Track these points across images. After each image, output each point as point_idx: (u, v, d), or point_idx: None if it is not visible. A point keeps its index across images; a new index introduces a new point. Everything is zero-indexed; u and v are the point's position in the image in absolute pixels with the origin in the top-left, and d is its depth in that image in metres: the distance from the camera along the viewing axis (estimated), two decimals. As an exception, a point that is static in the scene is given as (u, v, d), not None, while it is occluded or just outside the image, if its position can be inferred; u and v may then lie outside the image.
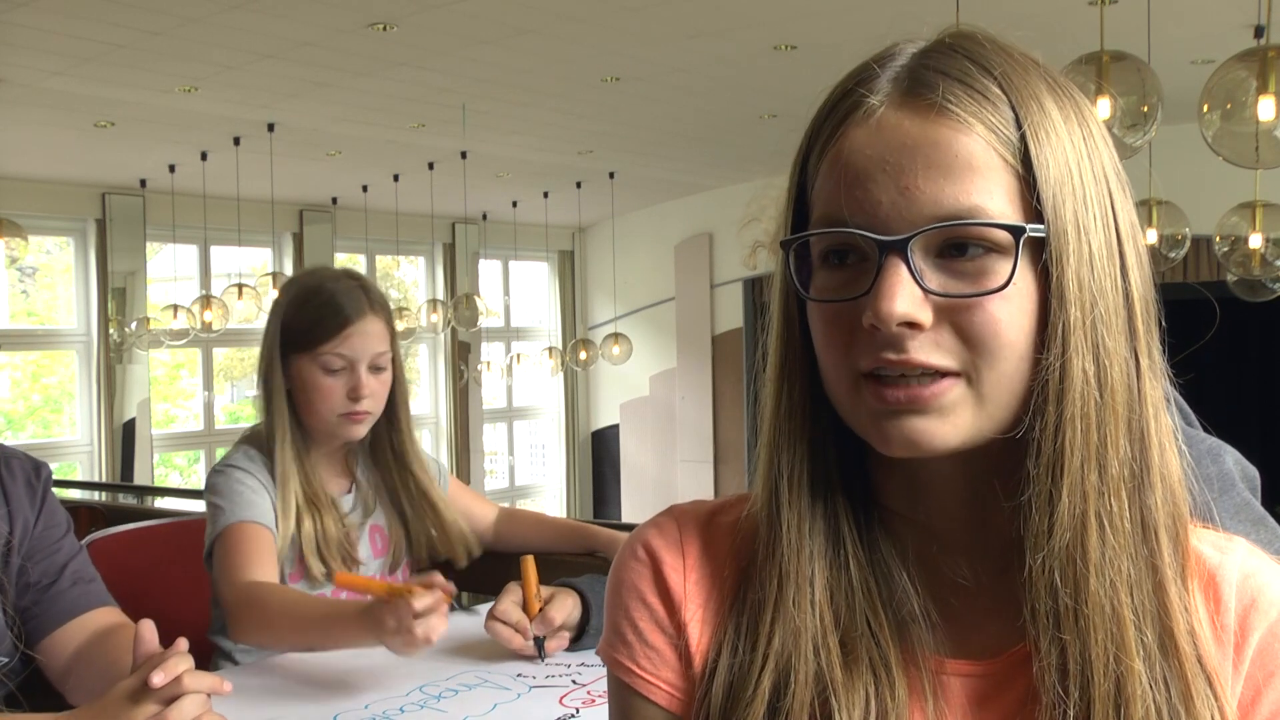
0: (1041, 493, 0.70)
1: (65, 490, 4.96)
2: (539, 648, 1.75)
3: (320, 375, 1.93)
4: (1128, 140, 3.61)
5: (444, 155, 7.73)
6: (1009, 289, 0.69)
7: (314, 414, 1.95)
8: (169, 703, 1.24)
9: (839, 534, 0.76)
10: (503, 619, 1.75)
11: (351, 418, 1.95)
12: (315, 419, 1.96)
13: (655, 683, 0.80)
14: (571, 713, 1.55)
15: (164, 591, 2.13)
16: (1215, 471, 1.21)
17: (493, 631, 1.75)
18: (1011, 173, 0.69)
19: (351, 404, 1.94)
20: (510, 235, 10.13)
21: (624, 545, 0.85)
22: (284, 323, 1.96)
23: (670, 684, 0.80)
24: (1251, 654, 0.73)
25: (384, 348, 1.97)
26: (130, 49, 5.08)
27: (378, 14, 4.87)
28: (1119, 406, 0.71)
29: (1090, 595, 0.69)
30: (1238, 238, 5.21)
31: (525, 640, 1.74)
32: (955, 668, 0.75)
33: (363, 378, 1.94)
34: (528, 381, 11.18)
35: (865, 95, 0.72)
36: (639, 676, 0.81)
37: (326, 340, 1.93)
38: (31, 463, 1.65)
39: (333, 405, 1.94)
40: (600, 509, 11.28)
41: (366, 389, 1.94)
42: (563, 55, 5.67)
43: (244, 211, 7.58)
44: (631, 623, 0.81)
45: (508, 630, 1.74)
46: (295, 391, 1.96)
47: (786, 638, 0.74)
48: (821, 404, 0.76)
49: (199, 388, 8.89)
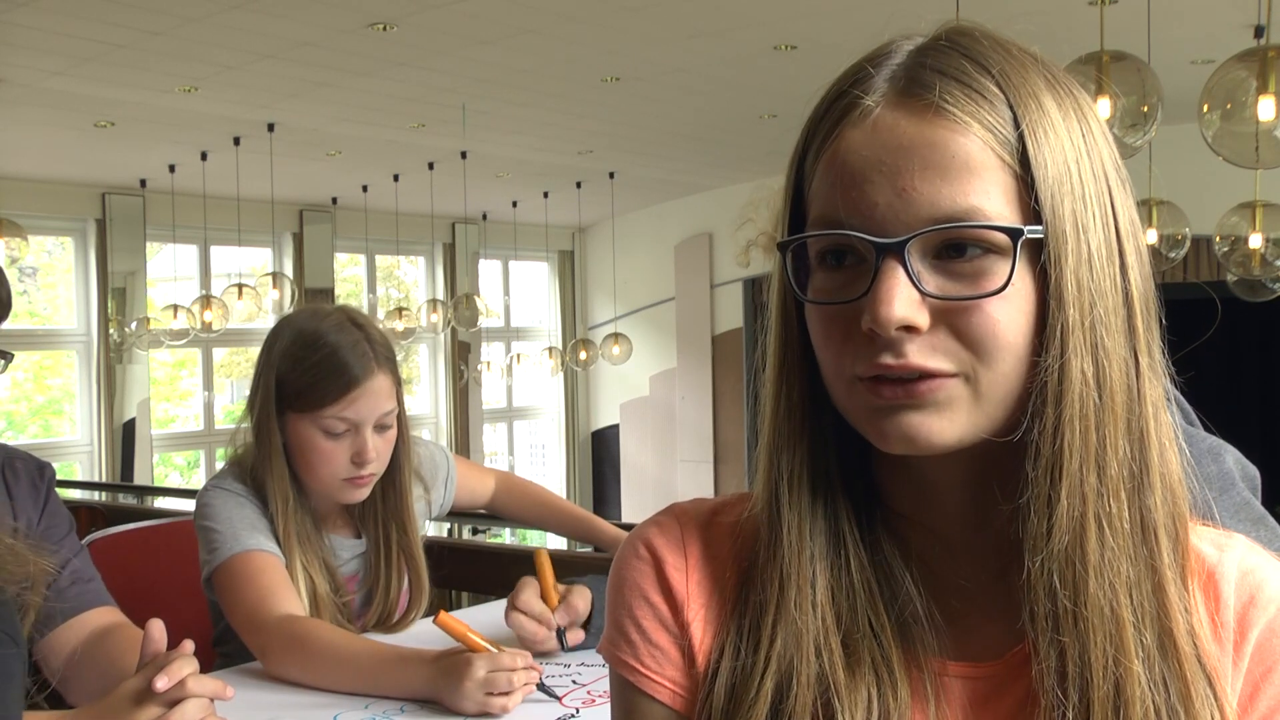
0: (1040, 495, 0.70)
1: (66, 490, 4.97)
2: (560, 639, 1.72)
3: (321, 438, 1.78)
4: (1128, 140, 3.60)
5: (444, 155, 7.73)
6: (1007, 290, 0.68)
7: (314, 477, 1.82)
8: (172, 706, 1.24)
9: (840, 535, 0.76)
10: (525, 609, 1.70)
11: (354, 482, 1.82)
12: (315, 482, 1.83)
13: (660, 681, 0.80)
14: (571, 713, 1.55)
15: (164, 591, 2.12)
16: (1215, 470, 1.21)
17: (515, 623, 1.71)
18: (1009, 172, 0.69)
19: (355, 469, 1.80)
20: (510, 235, 10.13)
21: (625, 543, 0.84)
22: (280, 377, 1.79)
23: (675, 682, 0.80)
24: (1250, 650, 0.73)
25: (391, 405, 1.82)
26: (130, 49, 5.08)
27: (378, 14, 4.87)
28: (1118, 407, 0.70)
29: (1089, 597, 0.69)
30: (1238, 238, 5.21)
31: (549, 631, 1.70)
32: (957, 669, 0.75)
33: (368, 441, 1.79)
34: (528, 381, 11.17)
35: (861, 95, 0.71)
36: (643, 675, 0.80)
37: (330, 404, 1.77)
38: (35, 463, 1.65)
39: (335, 470, 1.80)
40: (600, 509, 11.27)
41: (372, 453, 1.80)
42: (563, 55, 5.67)
43: (244, 211, 7.58)
44: (635, 621, 0.81)
45: (532, 624, 1.70)
46: (291, 450, 1.81)
47: (788, 639, 0.74)
48: (822, 404, 0.75)
49: (199, 388, 8.88)
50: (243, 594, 1.71)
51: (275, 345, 1.83)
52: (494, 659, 1.50)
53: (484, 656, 1.50)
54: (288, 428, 1.81)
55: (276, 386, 1.79)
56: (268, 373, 1.81)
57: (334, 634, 1.66)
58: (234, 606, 1.72)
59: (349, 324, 1.82)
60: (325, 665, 1.61)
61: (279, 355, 1.81)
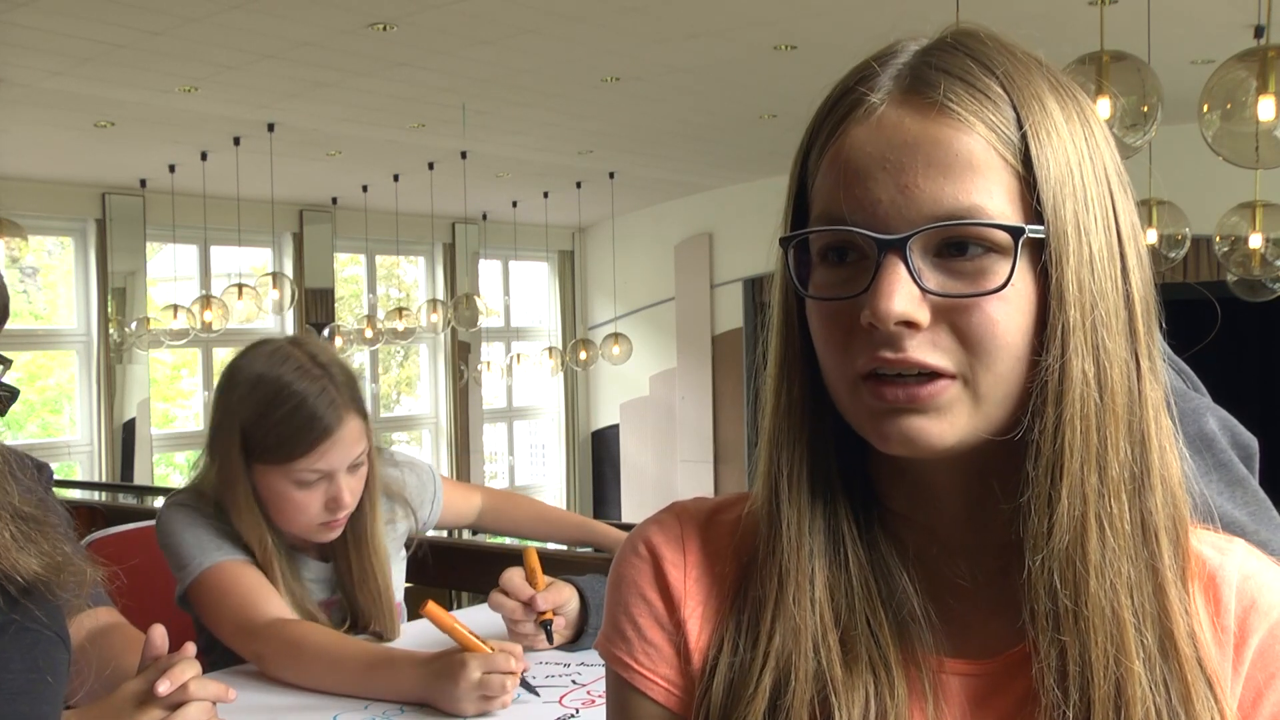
0: (1041, 494, 0.70)
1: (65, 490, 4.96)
2: (548, 633, 1.73)
3: (293, 490, 1.73)
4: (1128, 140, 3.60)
5: (444, 155, 7.73)
6: (1007, 290, 0.68)
7: (288, 523, 1.76)
8: (174, 709, 1.25)
9: (839, 532, 0.76)
10: (505, 587, 1.70)
11: (329, 526, 1.77)
12: (290, 526, 1.77)
13: (653, 679, 0.80)
14: (571, 713, 1.55)
15: (163, 591, 2.12)
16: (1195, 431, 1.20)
17: (495, 603, 1.71)
18: (1012, 173, 0.69)
19: (330, 514, 1.75)
20: (510, 235, 10.13)
21: (625, 541, 0.85)
22: (244, 427, 1.71)
23: (668, 680, 0.80)
24: (1251, 656, 0.73)
25: (362, 446, 1.76)
26: (130, 49, 5.08)
27: (378, 14, 4.87)
28: (1119, 408, 0.70)
29: (1090, 597, 0.69)
30: (1238, 238, 5.21)
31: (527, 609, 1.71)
32: (954, 667, 0.75)
33: (342, 487, 1.74)
34: (528, 381, 11.17)
35: (866, 93, 0.72)
36: (637, 672, 0.80)
37: (300, 457, 1.70)
38: (34, 463, 1.65)
39: (310, 518, 1.75)
40: (600, 509, 11.27)
41: (347, 496, 1.75)
42: (563, 55, 5.67)
43: (244, 211, 7.58)
44: (631, 619, 0.81)
45: (511, 602, 1.70)
46: (261, 498, 1.75)
47: (787, 635, 0.74)
48: (822, 401, 0.76)
49: (199, 388, 8.88)
50: (225, 605, 1.69)
51: (234, 391, 1.75)
52: (488, 660, 1.49)
53: (478, 657, 1.49)
54: (255, 478, 1.74)
55: (241, 438, 1.71)
56: (228, 421, 1.73)
57: (327, 636, 1.65)
58: (218, 618, 1.70)
59: (311, 365, 1.74)
60: (320, 668, 1.60)
61: (239, 403, 1.73)
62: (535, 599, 1.71)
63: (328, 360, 1.76)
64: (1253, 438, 1.27)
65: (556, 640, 1.75)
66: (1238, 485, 1.20)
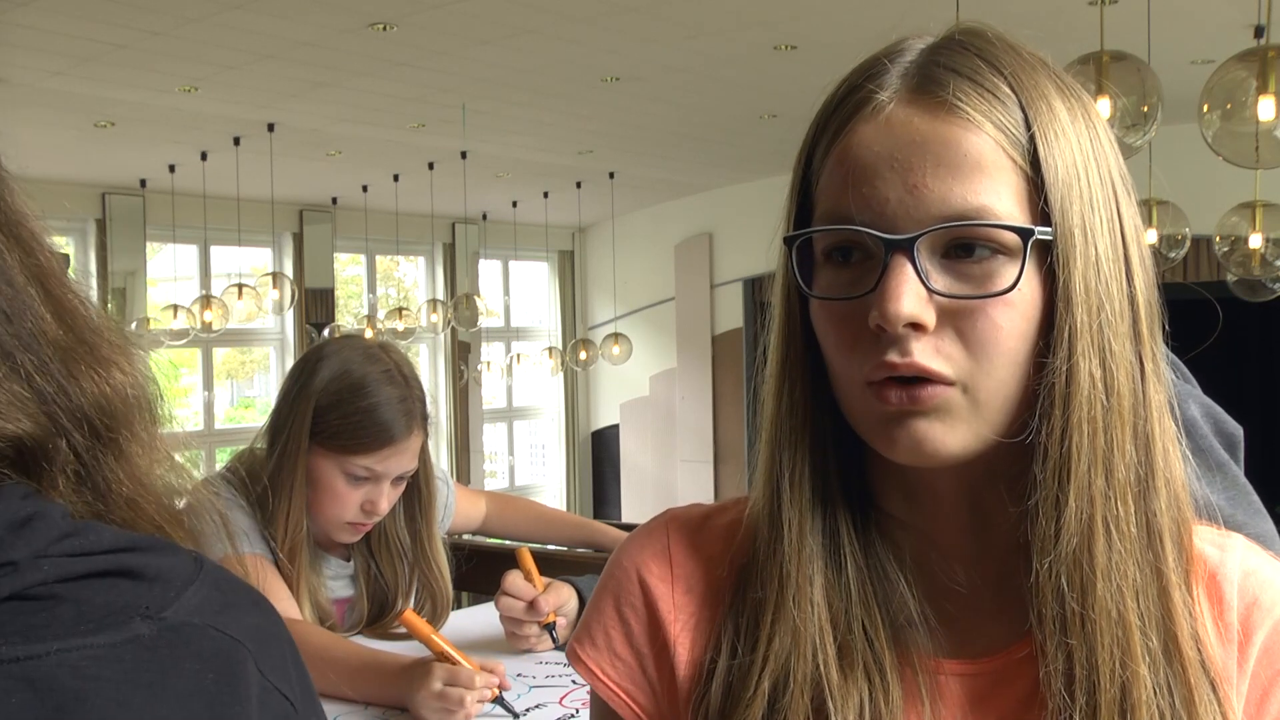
0: (1048, 497, 0.69)
1: (65, 490, 4.96)
2: (552, 635, 1.74)
3: (341, 481, 1.77)
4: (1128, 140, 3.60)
5: (444, 155, 7.72)
6: (1014, 293, 0.68)
7: (319, 513, 1.80)
8: None
9: (837, 534, 0.76)
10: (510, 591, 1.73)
11: (356, 527, 1.82)
12: (319, 517, 1.81)
13: (612, 688, 0.80)
14: (571, 713, 1.55)
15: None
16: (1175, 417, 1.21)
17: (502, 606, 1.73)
18: (1020, 174, 0.69)
19: (364, 516, 1.80)
20: (510, 235, 10.12)
21: (616, 550, 0.85)
22: (319, 409, 1.75)
23: (628, 694, 0.80)
24: (1256, 653, 0.73)
25: (414, 464, 1.82)
26: (130, 49, 5.08)
27: (378, 14, 4.87)
28: (1125, 411, 0.70)
29: (1097, 600, 0.69)
30: (1238, 238, 5.20)
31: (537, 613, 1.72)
32: (952, 668, 0.74)
33: (384, 493, 1.79)
34: (528, 381, 11.17)
35: (874, 91, 0.71)
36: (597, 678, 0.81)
37: (361, 454, 1.75)
38: None
39: (342, 513, 1.79)
40: (600, 509, 11.27)
41: (385, 504, 1.80)
42: (563, 55, 5.67)
43: (244, 211, 7.57)
44: (604, 629, 0.82)
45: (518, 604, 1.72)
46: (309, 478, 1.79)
47: (786, 637, 0.74)
48: (823, 402, 0.75)
49: (199, 387, 8.88)
50: None
51: (317, 374, 1.78)
52: (451, 673, 1.50)
53: (442, 668, 1.51)
54: (311, 458, 1.77)
55: (314, 417, 1.75)
56: (303, 400, 1.76)
57: (322, 637, 1.67)
58: None
59: (398, 375, 1.79)
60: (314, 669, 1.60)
61: (320, 387, 1.76)
62: (538, 602, 1.72)
63: (410, 374, 1.83)
64: (1238, 426, 1.28)
65: (562, 639, 1.76)
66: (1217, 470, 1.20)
